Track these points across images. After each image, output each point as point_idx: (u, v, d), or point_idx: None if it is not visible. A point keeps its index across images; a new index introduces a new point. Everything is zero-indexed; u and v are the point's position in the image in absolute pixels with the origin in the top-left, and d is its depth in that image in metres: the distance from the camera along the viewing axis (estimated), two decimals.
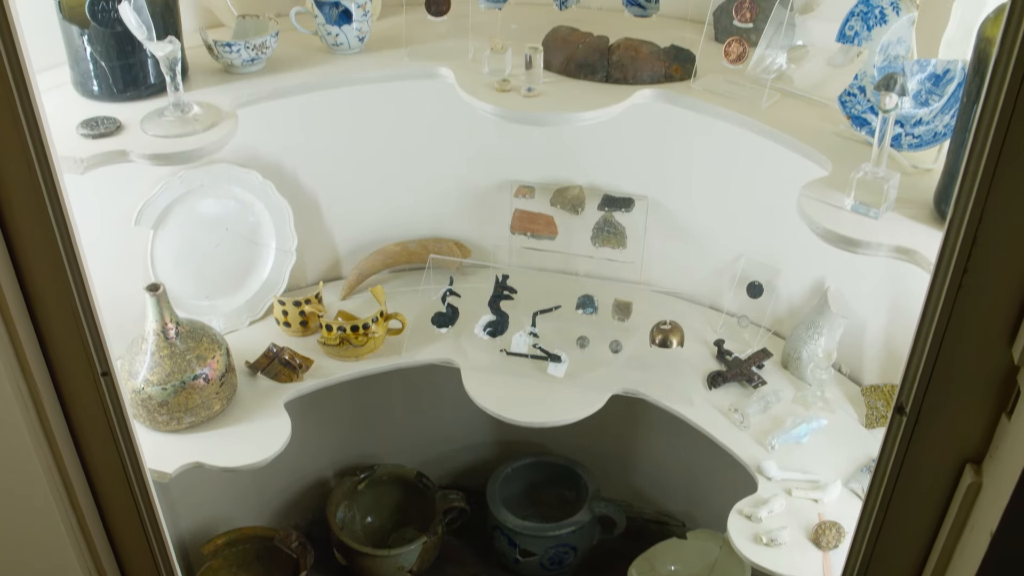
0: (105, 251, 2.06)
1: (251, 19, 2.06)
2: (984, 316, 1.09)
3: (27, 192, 1.25)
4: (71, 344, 1.33)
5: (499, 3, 2.04)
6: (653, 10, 2.02)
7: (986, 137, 1.07)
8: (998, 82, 1.04)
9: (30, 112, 1.21)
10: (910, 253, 1.50)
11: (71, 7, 1.84)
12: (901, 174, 1.65)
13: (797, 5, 1.95)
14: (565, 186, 2.39)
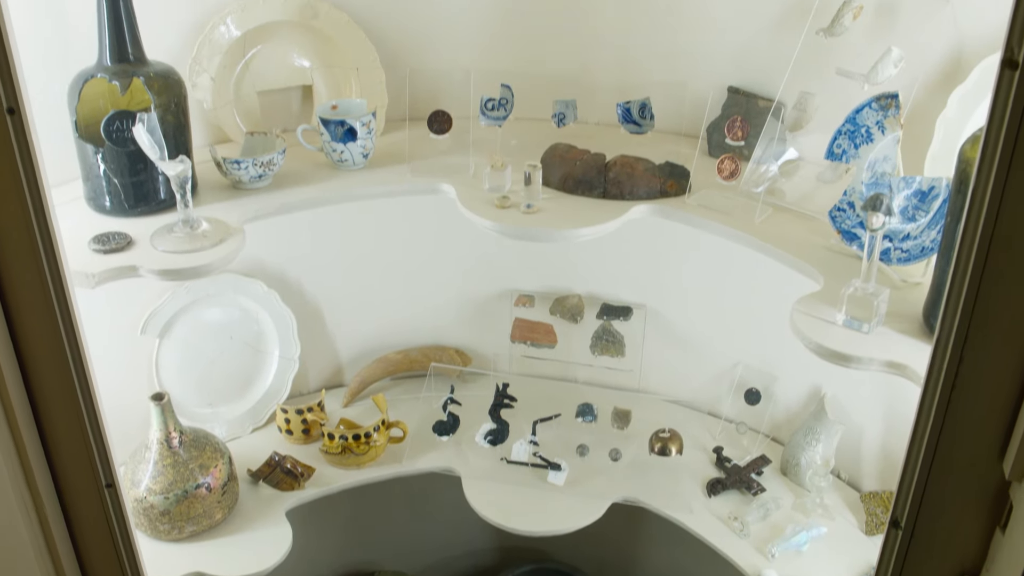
0: (111, 359, 2.09)
1: (259, 136, 2.13)
2: (974, 431, 1.12)
3: (39, 307, 1.28)
4: (76, 455, 1.35)
5: (499, 120, 2.11)
6: (648, 127, 2.09)
7: (968, 257, 1.11)
8: (978, 204, 1.09)
9: (45, 230, 1.26)
10: (901, 368, 1.54)
11: (87, 126, 1.90)
12: (891, 288, 1.69)
13: (787, 123, 2.02)
14: (564, 295, 2.44)
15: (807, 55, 2.03)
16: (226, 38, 2.19)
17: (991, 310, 1.10)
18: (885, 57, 1.91)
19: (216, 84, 2.19)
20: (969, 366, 1.13)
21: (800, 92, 2.03)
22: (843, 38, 1.99)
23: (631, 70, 2.31)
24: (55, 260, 1.29)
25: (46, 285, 1.29)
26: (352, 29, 2.26)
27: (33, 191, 1.24)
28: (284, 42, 2.26)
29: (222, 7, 2.18)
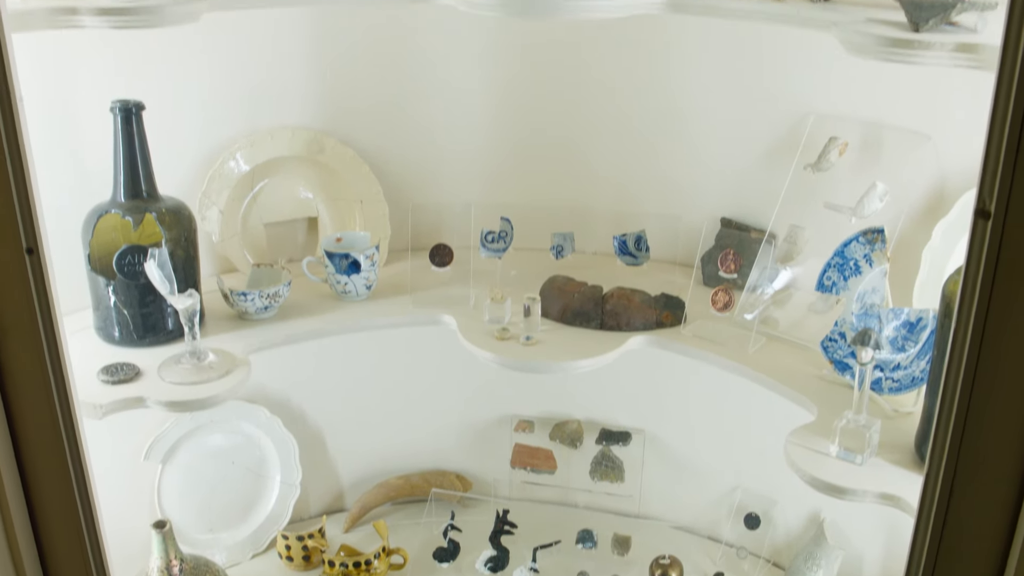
0: (113, 483, 2.09)
1: (265, 268, 2.19)
2: (967, 565, 1.14)
3: (47, 438, 1.32)
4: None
5: (499, 252, 2.18)
6: (644, 259, 2.16)
7: (954, 394, 1.15)
8: (959, 346, 1.13)
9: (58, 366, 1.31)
10: (895, 500, 1.56)
11: (99, 258, 1.96)
12: (883, 418, 1.73)
13: (778, 255, 2.09)
14: (564, 421, 2.47)
15: (796, 189, 2.11)
16: (235, 172, 2.27)
17: (979, 444, 1.14)
18: (871, 191, 1.98)
19: (224, 217, 2.26)
20: (960, 500, 1.16)
21: (790, 226, 2.10)
22: (830, 173, 2.07)
23: (627, 202, 2.39)
24: (65, 395, 1.33)
25: (55, 418, 1.33)
26: (357, 163, 2.35)
27: (47, 328, 1.29)
28: (291, 176, 2.34)
29: (232, 142, 2.27)
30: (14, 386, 1.30)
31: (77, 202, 1.98)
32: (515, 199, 2.35)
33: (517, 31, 2.30)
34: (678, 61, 2.26)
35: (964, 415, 1.15)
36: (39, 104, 1.80)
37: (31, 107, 1.23)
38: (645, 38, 2.22)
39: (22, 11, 1.62)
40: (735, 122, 2.25)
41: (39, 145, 1.26)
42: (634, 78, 2.31)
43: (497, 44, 2.33)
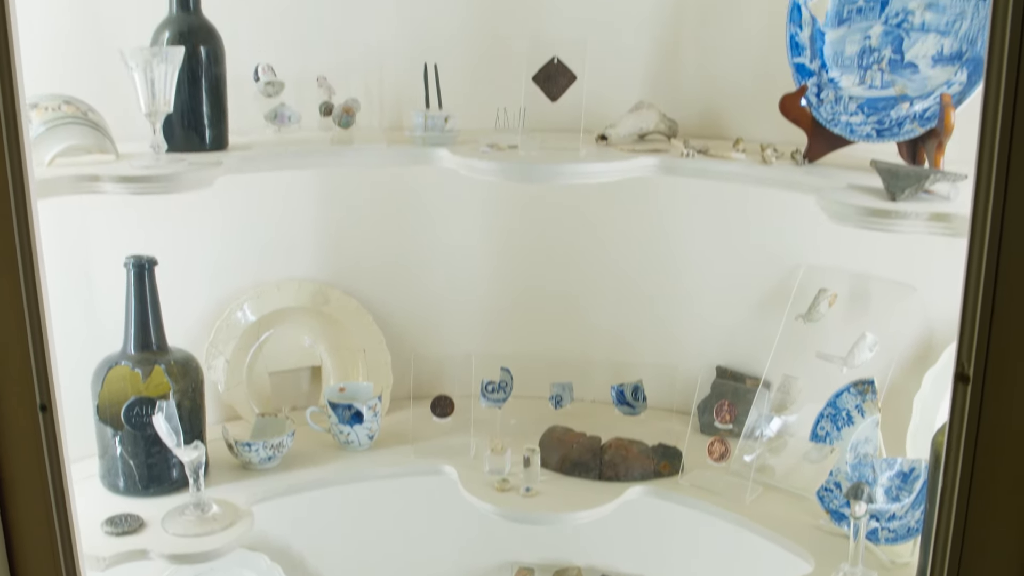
0: None
1: (269, 417, 2.23)
2: None
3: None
4: None
5: (499, 403, 2.22)
6: (641, 409, 2.21)
7: (944, 549, 1.18)
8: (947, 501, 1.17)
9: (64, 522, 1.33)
10: None
11: (108, 408, 2.00)
12: (879, 570, 1.74)
13: (773, 404, 2.13)
14: (564, 568, 2.47)
15: (788, 338, 2.17)
16: (242, 323, 2.34)
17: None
18: (860, 342, 2.04)
19: (230, 366, 2.31)
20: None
21: (784, 375, 2.15)
22: (821, 323, 2.13)
23: (625, 351, 2.45)
24: (71, 549, 1.36)
25: (59, 571, 1.35)
26: (360, 314, 2.41)
27: (56, 483, 1.32)
28: (296, 326, 2.41)
29: (240, 293, 2.34)
30: (19, 538, 1.33)
31: (88, 351, 2.03)
32: (515, 349, 2.40)
33: (516, 190, 2.40)
34: (671, 218, 2.36)
35: (956, 571, 1.18)
36: (55, 258, 1.88)
37: (48, 262, 1.29)
38: (639, 197, 2.32)
39: (47, 179, 1.70)
40: (728, 274, 2.33)
41: (54, 298, 1.31)
42: (629, 233, 2.40)
43: (496, 201, 2.43)
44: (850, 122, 1.85)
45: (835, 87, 1.89)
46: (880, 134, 1.80)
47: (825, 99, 1.89)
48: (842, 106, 1.87)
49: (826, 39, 1.92)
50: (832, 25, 1.91)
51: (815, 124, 1.89)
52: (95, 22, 2.13)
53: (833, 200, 1.56)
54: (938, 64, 1.77)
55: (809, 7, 1.92)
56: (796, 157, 1.91)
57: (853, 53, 1.88)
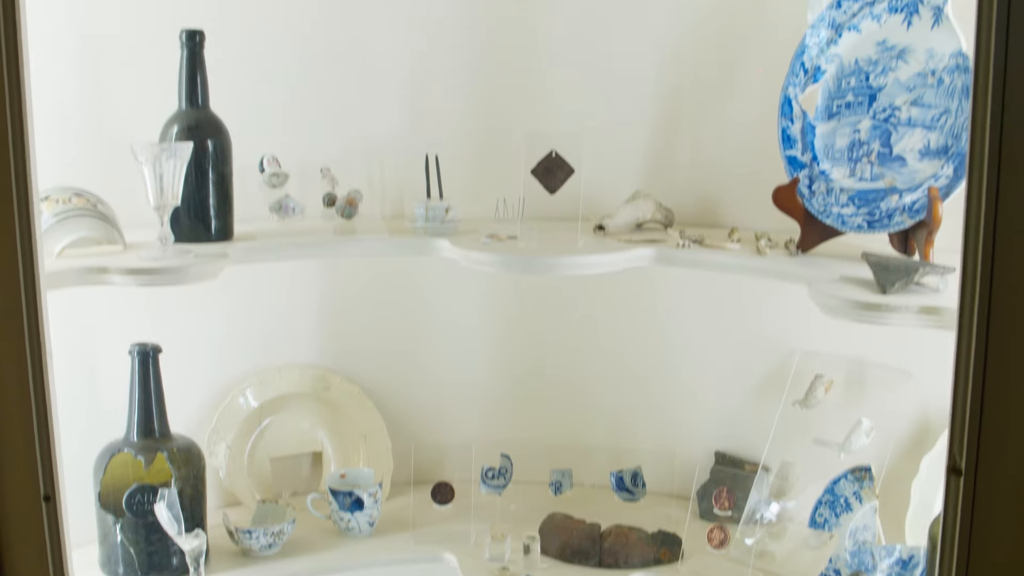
0: None
1: (270, 504, 2.24)
2: None
3: None
4: None
5: (499, 489, 2.24)
6: (641, 495, 2.22)
7: None
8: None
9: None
10: None
11: (110, 495, 2.01)
12: None
13: (771, 490, 2.14)
14: None
15: (786, 424, 2.19)
16: (244, 408, 2.36)
17: None
18: (857, 428, 2.06)
19: (232, 452, 2.33)
20: None
21: (782, 462, 2.17)
22: (817, 409, 2.15)
23: (624, 436, 2.46)
24: None
25: None
26: (362, 400, 2.43)
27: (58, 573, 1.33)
28: (298, 411, 2.42)
29: (243, 379, 2.37)
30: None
31: (90, 436, 2.05)
32: (515, 434, 2.42)
33: (515, 278, 2.44)
34: (669, 303, 2.39)
35: None
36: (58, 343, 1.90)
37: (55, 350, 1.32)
38: (637, 283, 2.35)
39: (56, 271, 1.74)
40: (725, 359, 2.36)
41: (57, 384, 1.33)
42: (627, 319, 2.44)
43: (496, 288, 2.46)
44: (841, 213, 1.89)
45: (826, 179, 1.94)
46: (871, 225, 1.85)
47: (817, 191, 1.94)
48: (833, 198, 1.92)
49: (816, 132, 1.97)
50: (822, 119, 1.97)
51: (807, 215, 1.94)
52: (105, 115, 2.20)
53: (825, 293, 1.60)
54: (925, 158, 1.82)
55: (800, 101, 1.98)
56: (790, 247, 1.95)
57: (843, 146, 1.94)
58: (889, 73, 1.88)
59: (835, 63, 1.94)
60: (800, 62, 1.97)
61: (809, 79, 1.97)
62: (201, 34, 2.03)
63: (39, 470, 1.33)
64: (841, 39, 1.93)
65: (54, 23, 2.11)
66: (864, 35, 1.91)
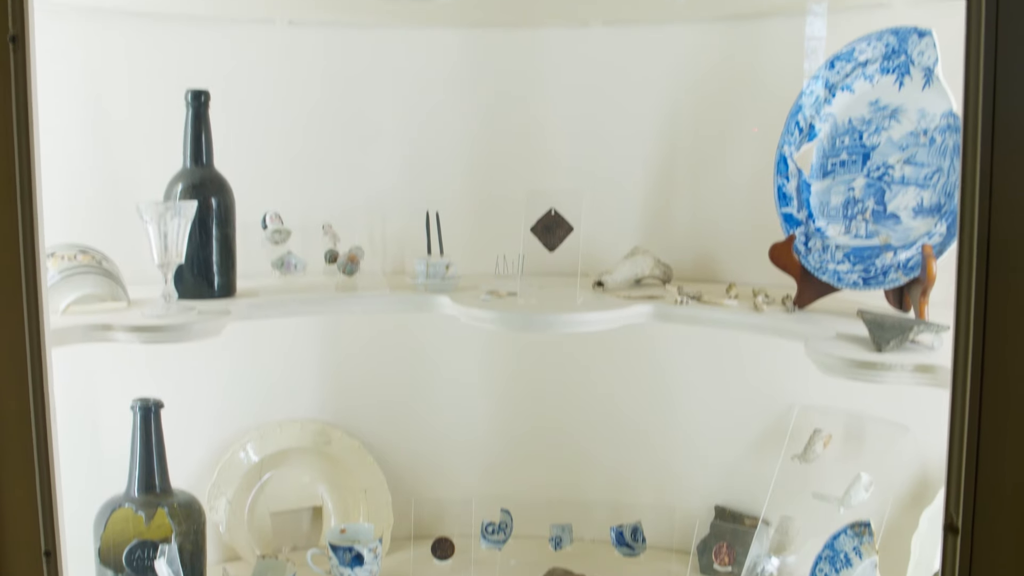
0: None
1: (270, 559, 2.23)
2: None
3: None
4: None
5: (499, 544, 2.24)
6: (640, 550, 2.22)
7: None
8: None
9: None
10: None
11: (109, 549, 2.01)
12: None
13: (771, 546, 2.14)
14: None
15: (785, 478, 2.19)
16: (245, 463, 2.36)
17: None
18: (856, 482, 2.06)
19: (232, 507, 2.33)
20: None
21: (781, 516, 2.17)
22: (816, 464, 2.16)
23: (624, 490, 2.46)
24: None
25: None
26: (362, 454, 2.44)
27: None
28: (298, 466, 2.43)
29: (243, 434, 2.38)
30: None
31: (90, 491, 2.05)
32: (514, 489, 2.42)
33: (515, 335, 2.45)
34: (667, 358, 2.41)
35: None
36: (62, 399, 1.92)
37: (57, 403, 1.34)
38: (636, 338, 2.37)
39: (61, 328, 1.76)
40: (724, 414, 2.36)
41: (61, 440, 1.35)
42: (626, 376, 2.45)
43: (496, 343, 2.48)
44: (837, 270, 1.92)
45: (822, 236, 1.97)
46: (866, 282, 1.87)
47: (813, 248, 1.97)
48: (829, 255, 1.94)
49: (812, 190, 2.00)
50: (817, 177, 2.00)
51: (804, 272, 1.96)
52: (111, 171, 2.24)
53: (821, 352, 1.62)
54: (919, 215, 1.85)
55: (795, 160, 2.01)
56: (786, 303, 1.98)
57: (838, 204, 1.96)
58: (882, 132, 1.91)
59: (829, 122, 1.98)
60: (795, 121, 2.01)
61: (804, 138, 2.00)
62: (206, 94, 2.07)
63: (40, 525, 1.34)
64: (835, 99, 1.97)
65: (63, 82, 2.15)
66: (857, 95, 1.95)
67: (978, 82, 1.23)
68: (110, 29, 2.21)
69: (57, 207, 1.55)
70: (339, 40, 2.38)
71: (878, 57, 1.91)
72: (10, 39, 1.39)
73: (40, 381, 1.41)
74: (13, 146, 1.40)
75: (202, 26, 2.28)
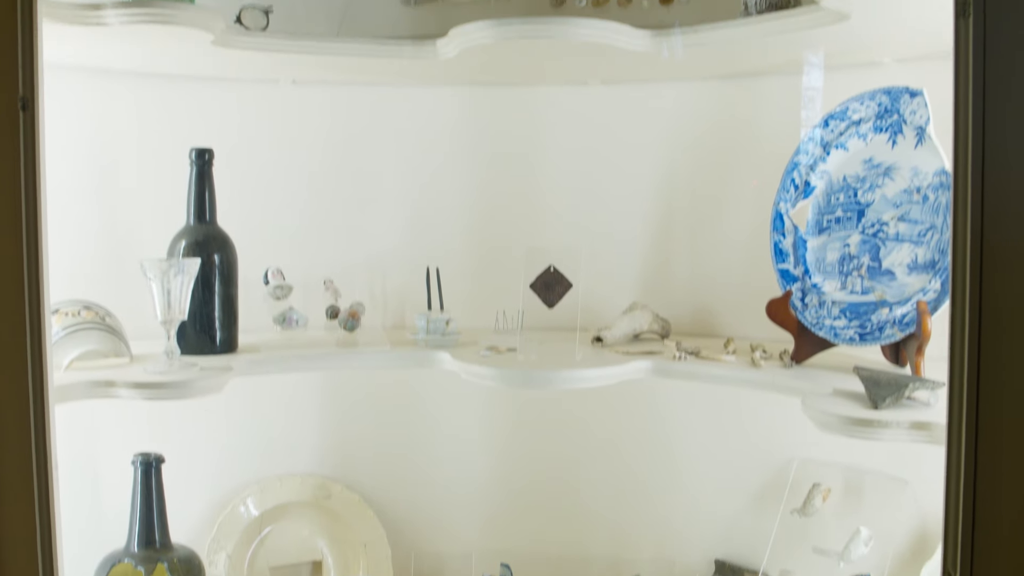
0: None
1: None
2: None
3: None
4: None
5: None
6: None
7: None
8: None
9: None
10: None
11: None
12: None
13: None
14: None
15: (785, 532, 2.19)
16: (245, 517, 2.36)
17: None
18: (856, 537, 2.06)
19: (232, 561, 2.33)
20: None
21: (781, 570, 2.17)
22: (816, 518, 2.16)
23: (624, 543, 2.46)
24: None
25: None
26: (362, 508, 2.44)
27: None
28: (298, 520, 2.43)
29: (243, 488, 2.38)
30: None
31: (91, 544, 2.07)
32: (514, 543, 2.42)
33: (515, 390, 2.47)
34: (666, 412, 2.41)
35: None
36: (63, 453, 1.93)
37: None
38: (635, 392, 2.37)
39: (65, 384, 1.77)
40: (724, 468, 2.36)
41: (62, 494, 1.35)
42: (626, 430, 2.45)
43: (496, 398, 2.48)
44: (834, 326, 1.93)
45: (818, 292, 1.99)
46: (863, 338, 1.89)
47: (809, 303, 1.99)
48: (826, 310, 1.96)
49: (808, 246, 2.03)
50: (813, 233, 2.03)
51: (801, 327, 1.98)
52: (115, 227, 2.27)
53: (817, 409, 1.63)
54: (913, 272, 1.87)
55: (791, 216, 2.04)
56: (784, 358, 1.99)
57: (834, 260, 1.99)
58: (876, 190, 1.94)
59: (824, 179, 2.01)
60: (791, 178, 2.04)
61: (800, 195, 2.03)
62: (210, 152, 2.10)
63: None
64: (829, 156, 2.00)
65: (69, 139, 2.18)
66: (851, 153, 1.98)
67: (967, 143, 1.26)
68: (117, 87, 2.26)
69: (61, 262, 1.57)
70: (342, 98, 2.43)
71: (871, 116, 1.94)
72: (20, 102, 1.43)
73: (43, 439, 1.42)
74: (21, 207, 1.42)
75: (207, 85, 2.32)
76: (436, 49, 2.08)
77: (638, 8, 2.26)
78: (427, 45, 2.09)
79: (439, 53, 2.08)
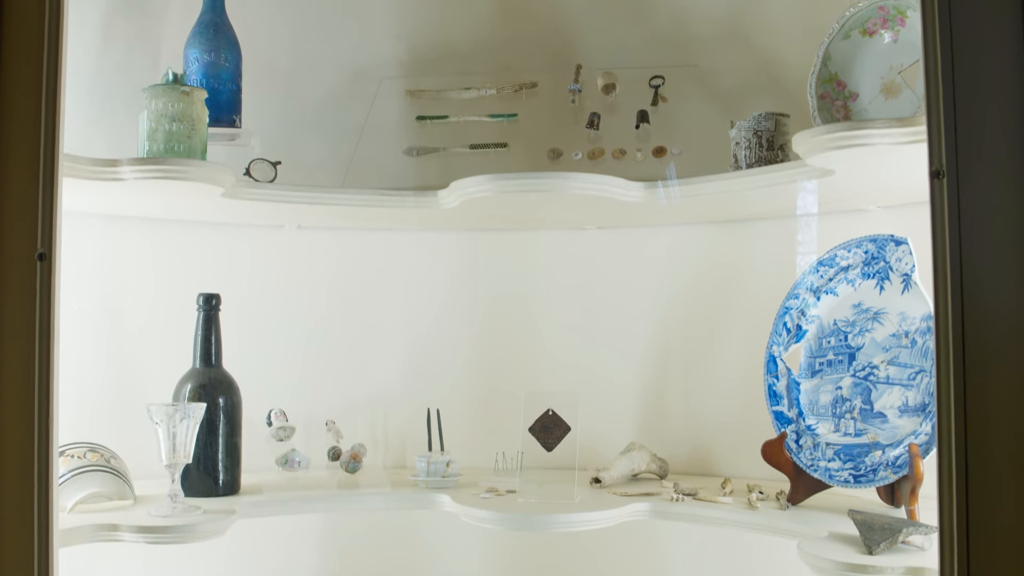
0: None
1: None
2: None
3: None
4: None
5: None
6: None
7: None
8: None
9: None
10: None
11: None
12: None
13: None
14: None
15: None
16: None
17: None
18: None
19: None
20: None
21: None
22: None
23: None
24: None
25: None
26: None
27: None
28: None
29: None
30: None
31: None
32: None
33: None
34: (664, 554, 2.41)
35: None
36: None
37: None
38: (633, 535, 2.38)
39: (69, 528, 1.79)
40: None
41: None
42: (624, 569, 2.45)
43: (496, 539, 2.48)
44: (828, 467, 1.96)
45: (813, 434, 2.02)
46: (857, 480, 1.91)
47: (804, 445, 2.02)
48: (820, 452, 1.99)
49: (801, 389, 2.07)
50: (806, 376, 2.07)
51: (796, 468, 2.00)
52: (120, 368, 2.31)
53: (812, 554, 1.65)
54: (905, 414, 1.91)
55: (784, 359, 2.09)
56: (780, 499, 2.01)
57: (827, 402, 2.03)
58: (866, 334, 1.99)
59: (815, 324, 2.07)
60: (783, 322, 2.10)
61: (792, 338, 2.09)
62: (217, 297, 2.16)
63: None
64: (820, 301, 2.06)
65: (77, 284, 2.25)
66: (841, 298, 2.04)
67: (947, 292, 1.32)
68: (127, 232, 2.34)
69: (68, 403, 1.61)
70: (345, 242, 2.51)
71: (858, 263, 2.01)
72: (38, 257, 1.49)
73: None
74: (35, 354, 1.47)
75: (215, 230, 2.40)
76: (438, 200, 2.17)
77: (632, 160, 2.35)
78: (429, 196, 2.18)
79: (441, 203, 2.17)
